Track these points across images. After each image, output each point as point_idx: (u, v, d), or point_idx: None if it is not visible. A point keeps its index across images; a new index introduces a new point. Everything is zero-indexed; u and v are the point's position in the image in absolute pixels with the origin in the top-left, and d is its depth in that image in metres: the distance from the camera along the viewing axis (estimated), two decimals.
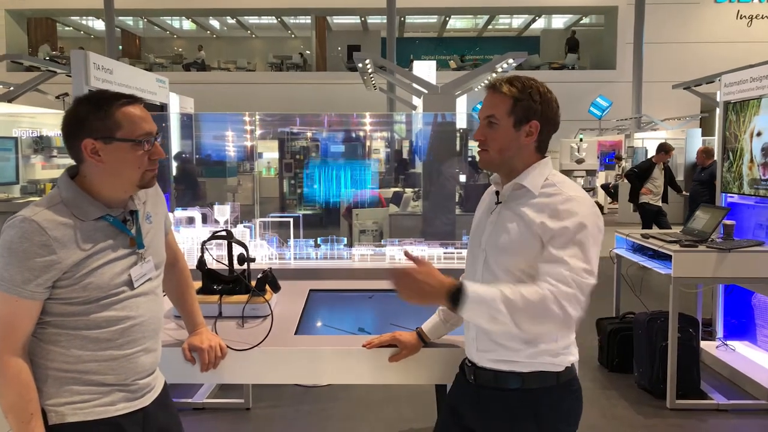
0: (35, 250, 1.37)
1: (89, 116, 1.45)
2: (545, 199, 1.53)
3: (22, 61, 5.76)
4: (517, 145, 1.58)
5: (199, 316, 1.90)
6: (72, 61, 3.12)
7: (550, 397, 1.58)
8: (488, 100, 1.60)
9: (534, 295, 1.38)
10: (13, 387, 1.39)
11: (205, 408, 3.62)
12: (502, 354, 1.57)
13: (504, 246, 1.55)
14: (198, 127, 6.06)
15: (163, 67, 19.00)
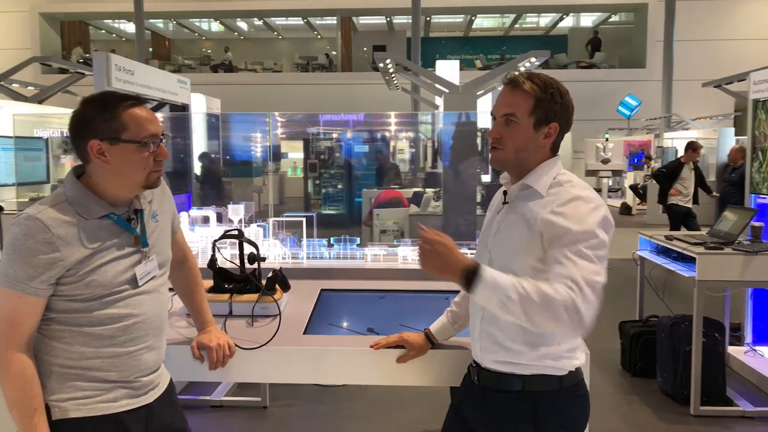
0: (39, 248, 1.39)
1: (95, 117, 1.46)
2: (551, 198, 1.49)
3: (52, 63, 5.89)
4: (534, 146, 1.53)
5: (208, 315, 1.91)
6: (94, 62, 3.17)
7: (552, 401, 1.53)
8: (508, 97, 1.52)
9: (550, 293, 1.33)
10: (17, 382, 1.41)
11: (222, 405, 3.65)
12: (503, 355, 1.54)
13: (507, 247, 1.52)
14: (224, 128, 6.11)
15: (191, 69, 19.30)
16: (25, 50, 17.66)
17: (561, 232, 1.41)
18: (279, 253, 2.57)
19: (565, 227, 1.41)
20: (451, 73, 8.59)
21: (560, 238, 1.41)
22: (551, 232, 1.43)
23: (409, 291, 2.35)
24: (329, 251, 2.60)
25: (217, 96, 7.28)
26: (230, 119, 6.46)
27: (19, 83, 6.71)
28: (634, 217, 13.78)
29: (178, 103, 4.10)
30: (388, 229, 6.16)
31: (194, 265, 1.91)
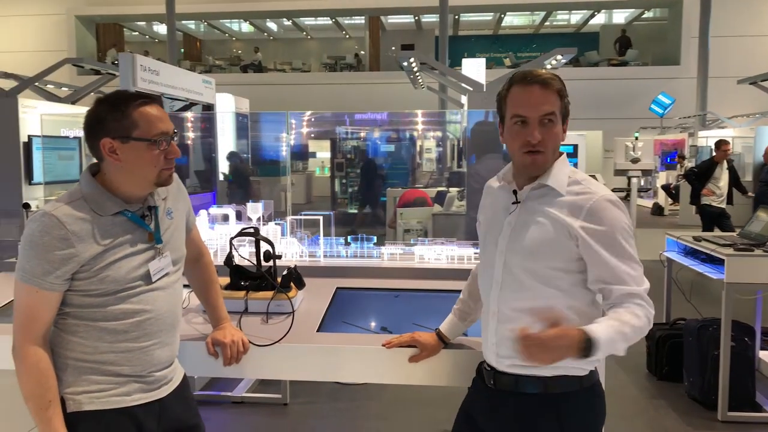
0: (55, 244, 1.42)
1: (107, 116, 1.49)
2: (575, 198, 1.48)
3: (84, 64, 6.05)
4: (559, 144, 1.53)
5: (222, 311, 1.93)
6: (120, 64, 3.24)
7: (573, 402, 1.51)
8: (543, 97, 1.47)
9: (638, 322, 1.40)
10: (33, 375, 1.44)
11: (244, 402, 3.69)
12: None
13: (530, 248, 1.49)
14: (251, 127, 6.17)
15: (222, 69, 19.57)
16: (62, 52, 18.15)
17: (599, 237, 1.44)
18: (296, 251, 2.58)
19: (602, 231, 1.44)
20: (477, 72, 8.50)
21: (601, 244, 1.44)
22: (589, 237, 1.44)
23: (424, 290, 2.34)
24: (346, 250, 2.61)
25: (247, 96, 7.36)
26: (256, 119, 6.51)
27: (54, 84, 6.90)
28: (666, 217, 13.48)
29: (203, 102, 4.16)
30: (412, 228, 6.15)
31: (209, 262, 1.93)
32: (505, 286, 1.54)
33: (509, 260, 1.53)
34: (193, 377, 3.64)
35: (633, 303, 1.41)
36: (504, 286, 1.54)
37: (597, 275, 1.46)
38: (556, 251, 1.47)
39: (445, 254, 2.55)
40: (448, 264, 2.51)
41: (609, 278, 1.44)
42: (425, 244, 2.59)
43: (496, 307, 1.56)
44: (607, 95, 17.82)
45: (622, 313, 1.40)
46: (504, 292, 1.54)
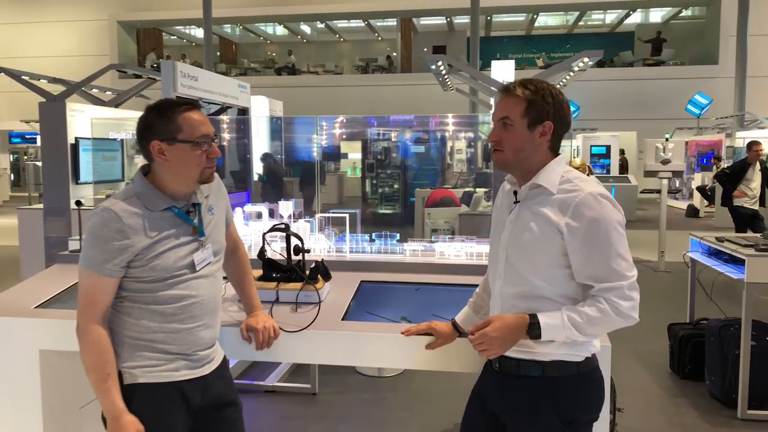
0: (113, 235, 1.63)
1: (155, 122, 1.69)
2: (564, 196, 1.60)
3: (127, 70, 6.38)
4: (532, 146, 1.64)
5: (256, 300, 2.11)
6: (162, 70, 3.48)
7: (570, 385, 1.64)
8: (502, 103, 1.66)
9: (597, 312, 1.55)
10: (94, 350, 1.65)
11: (275, 390, 3.90)
12: (523, 344, 1.64)
13: (526, 244, 1.63)
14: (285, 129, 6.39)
15: (257, 72, 20.01)
16: (104, 56, 18.85)
17: (581, 231, 1.55)
18: (324, 247, 2.76)
19: (584, 225, 1.55)
20: (506, 73, 8.60)
21: (584, 239, 1.55)
22: (572, 232, 1.56)
23: (443, 284, 2.48)
24: (371, 246, 2.77)
25: (281, 98, 7.59)
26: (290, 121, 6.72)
27: (98, 88, 7.26)
28: (701, 219, 13.27)
29: (239, 106, 4.38)
30: (440, 228, 6.29)
31: (244, 255, 2.12)
32: (506, 277, 1.69)
33: (509, 255, 1.68)
34: None
35: (605, 297, 1.55)
36: (505, 277, 1.69)
37: (579, 271, 1.59)
38: (546, 247, 1.60)
39: (465, 251, 2.70)
40: (467, 260, 2.66)
41: (590, 274, 1.57)
42: (446, 241, 2.74)
43: (499, 297, 1.71)
44: (642, 96, 17.59)
45: (587, 305, 1.57)
46: (505, 282, 1.69)
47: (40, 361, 2.23)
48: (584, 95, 17.08)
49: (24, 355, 2.23)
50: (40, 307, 2.36)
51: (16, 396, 2.24)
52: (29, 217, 6.42)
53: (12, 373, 2.24)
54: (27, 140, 19.77)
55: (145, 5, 19.95)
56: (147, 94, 7.52)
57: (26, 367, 2.23)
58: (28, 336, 2.23)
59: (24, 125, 17.88)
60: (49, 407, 2.28)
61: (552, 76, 6.38)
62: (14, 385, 2.24)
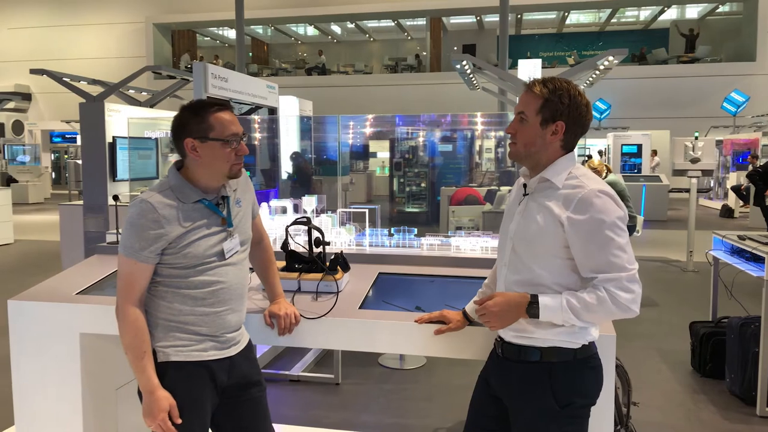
0: (149, 225, 1.79)
1: (189, 121, 1.84)
2: (568, 191, 1.68)
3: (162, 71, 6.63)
4: (543, 142, 1.73)
5: (279, 288, 2.25)
6: (194, 72, 3.66)
7: (567, 370, 1.72)
8: (522, 98, 1.76)
9: (595, 300, 1.63)
10: (131, 330, 1.81)
11: (300, 380, 4.05)
12: (522, 331, 1.75)
13: (531, 236, 1.72)
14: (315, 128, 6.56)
15: (287, 72, 20.34)
16: (140, 58, 19.43)
17: (583, 226, 1.63)
18: (345, 240, 2.89)
19: (585, 220, 1.63)
20: (533, 72, 8.60)
21: (585, 234, 1.64)
22: (574, 227, 1.64)
23: (458, 276, 2.59)
24: (389, 240, 2.89)
25: (311, 98, 7.77)
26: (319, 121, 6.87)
27: (134, 89, 7.56)
28: (735, 220, 13.00)
29: (268, 106, 4.56)
30: (464, 226, 6.37)
31: (269, 246, 2.27)
32: (510, 265, 1.79)
33: (515, 245, 1.78)
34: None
35: (605, 286, 1.63)
36: (509, 265, 1.79)
37: (581, 263, 1.67)
38: (548, 239, 1.69)
39: (480, 245, 2.80)
40: (482, 254, 2.76)
41: (591, 266, 1.66)
42: (461, 236, 2.84)
43: (503, 284, 1.81)
44: (676, 93, 17.30)
45: (586, 292, 1.65)
46: (509, 270, 1.79)
47: (80, 343, 2.41)
48: (616, 93, 16.89)
49: (65, 338, 2.41)
50: (80, 293, 2.54)
51: (59, 377, 2.43)
52: (70, 213, 6.73)
53: (55, 355, 2.43)
54: (67, 140, 20.51)
55: (179, 7, 20.49)
56: (180, 94, 7.81)
57: (67, 350, 2.41)
58: (70, 320, 2.41)
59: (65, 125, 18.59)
60: (88, 387, 2.46)
61: (576, 75, 6.40)
62: (57, 366, 2.43)
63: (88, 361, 2.45)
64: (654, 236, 10.76)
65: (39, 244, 10.06)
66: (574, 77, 6.44)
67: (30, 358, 2.45)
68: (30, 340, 2.45)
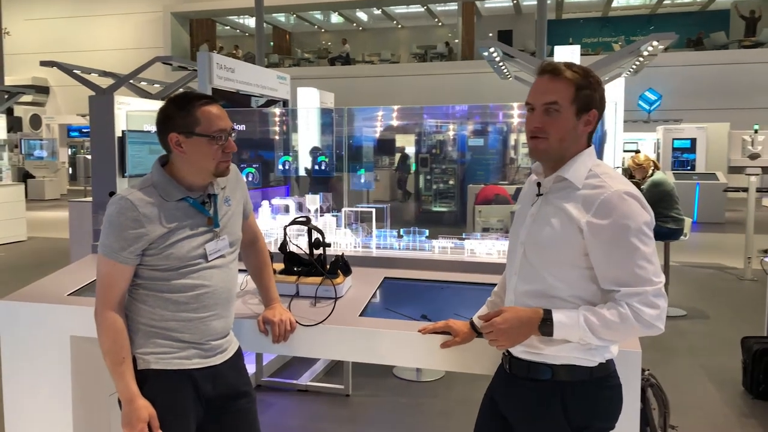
0: (129, 224, 1.79)
1: (174, 114, 1.85)
2: (589, 192, 1.60)
3: (173, 62, 6.76)
4: (575, 135, 1.65)
5: (273, 293, 2.25)
6: (198, 62, 3.69)
7: (582, 391, 1.65)
8: (548, 86, 1.63)
9: (617, 317, 1.55)
10: (110, 335, 1.82)
11: (308, 390, 4.05)
12: (533, 346, 1.68)
13: (545, 241, 1.65)
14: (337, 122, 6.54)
15: (310, 62, 20.47)
16: (158, 48, 19.81)
17: (605, 232, 1.56)
18: (350, 242, 2.87)
19: (609, 225, 1.55)
20: (571, 60, 8.44)
21: (608, 241, 1.56)
22: (596, 233, 1.56)
23: (471, 283, 2.54)
24: (398, 242, 2.86)
25: (334, 89, 7.77)
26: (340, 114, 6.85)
27: (147, 81, 7.69)
28: None
29: (278, 98, 4.57)
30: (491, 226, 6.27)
31: (263, 247, 2.26)
32: (521, 274, 1.72)
33: (527, 251, 1.70)
34: (262, 364, 4.05)
35: (627, 302, 1.55)
36: (520, 274, 1.72)
37: (601, 274, 1.59)
38: (565, 245, 1.61)
39: (497, 248, 2.74)
40: (499, 258, 2.70)
41: (613, 278, 1.57)
42: (476, 239, 2.79)
43: (513, 294, 1.75)
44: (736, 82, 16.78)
45: (606, 308, 1.57)
46: (520, 279, 1.72)
47: (71, 346, 2.45)
48: (668, 82, 16.47)
49: (56, 341, 2.45)
50: (73, 294, 2.59)
51: (48, 381, 2.47)
52: (80, 209, 6.87)
53: (44, 359, 2.47)
54: (84, 134, 21.04)
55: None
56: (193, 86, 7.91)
57: (58, 353, 2.45)
58: (60, 322, 2.45)
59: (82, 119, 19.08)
60: (78, 393, 2.49)
61: (617, 62, 6.24)
62: (46, 370, 2.47)
63: (79, 365, 2.49)
64: (708, 240, 10.47)
65: (52, 241, 10.34)
66: (615, 65, 6.29)
67: (20, 362, 2.50)
68: (20, 342, 2.50)
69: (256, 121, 4.50)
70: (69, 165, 20.81)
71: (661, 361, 4.58)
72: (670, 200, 5.90)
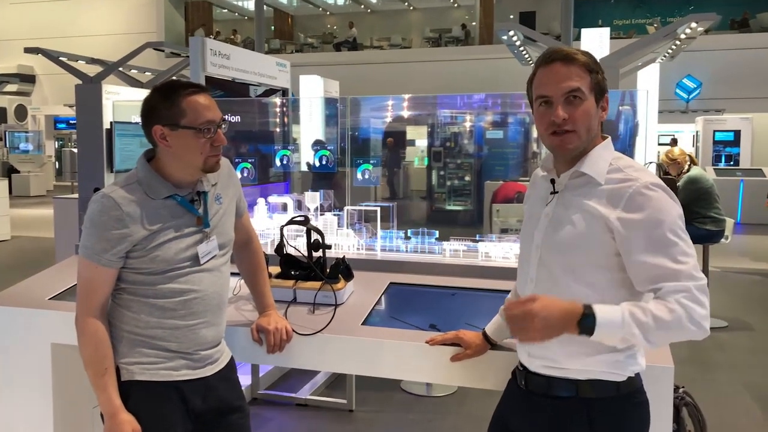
0: (111, 224, 1.80)
1: (158, 104, 1.85)
2: (614, 186, 1.58)
3: (164, 48, 6.76)
4: (597, 124, 1.64)
5: (269, 298, 2.25)
6: (190, 47, 3.70)
7: (608, 408, 1.63)
8: (565, 73, 1.59)
9: (667, 314, 1.47)
10: (91, 343, 1.84)
11: (308, 404, 4.06)
12: (555, 360, 1.65)
13: (566, 243, 1.62)
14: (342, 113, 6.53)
15: (314, 47, 20.48)
16: (151, 34, 19.92)
17: (640, 229, 1.53)
18: (353, 244, 2.87)
19: (643, 221, 1.52)
20: (600, 43, 8.34)
21: (645, 239, 1.52)
22: (629, 230, 1.54)
23: (485, 290, 2.52)
24: (406, 244, 2.85)
25: (340, 77, 7.76)
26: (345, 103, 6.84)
27: (138, 69, 7.74)
28: None
29: (277, 87, 4.57)
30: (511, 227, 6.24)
31: (258, 249, 2.27)
32: (538, 282, 1.69)
33: (544, 256, 1.67)
34: (258, 375, 4.06)
35: (674, 297, 1.47)
36: (537, 282, 1.69)
37: (636, 274, 1.55)
38: (590, 246, 1.58)
39: (514, 251, 2.72)
40: (517, 263, 2.68)
41: (651, 276, 1.52)
42: (492, 241, 2.78)
43: None
44: None
45: (652, 303, 1.49)
46: (537, 289, 1.68)
47: (52, 354, 2.47)
48: (710, 68, 16.29)
49: (36, 349, 2.47)
50: (54, 299, 2.61)
51: (28, 391, 2.49)
52: (66, 207, 6.91)
53: (24, 367, 2.50)
54: (71, 126, 21.14)
55: None
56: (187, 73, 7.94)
57: (38, 361, 2.47)
58: (40, 328, 2.48)
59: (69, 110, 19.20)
60: (60, 404, 2.51)
61: (651, 46, 6.18)
62: (26, 379, 2.49)
63: (60, 374, 2.51)
64: (753, 243, 10.36)
65: (37, 241, 10.43)
66: (649, 49, 6.22)
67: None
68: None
69: (254, 112, 4.51)
70: (56, 159, 20.97)
71: (698, 377, 4.54)
72: (708, 199, 5.84)
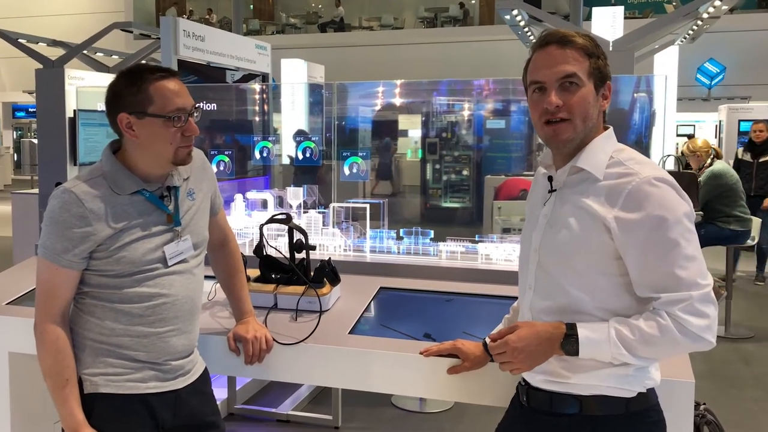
0: (73, 221, 1.78)
1: (124, 90, 1.83)
2: (613, 182, 1.58)
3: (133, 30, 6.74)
4: (596, 113, 1.64)
5: (247, 304, 2.24)
6: (161, 28, 3.69)
7: (616, 427, 1.63)
8: (560, 57, 1.59)
9: (656, 330, 1.52)
10: (51, 352, 1.82)
11: (289, 421, 4.04)
12: (556, 374, 1.65)
13: (563, 246, 1.62)
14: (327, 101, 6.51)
15: (297, 29, 20.41)
16: (118, 13, 19.79)
17: (639, 229, 1.53)
18: (339, 244, 2.87)
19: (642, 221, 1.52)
20: (613, 23, 8.31)
21: (643, 240, 1.53)
22: (627, 231, 1.54)
23: (484, 295, 2.53)
24: (398, 245, 2.85)
25: (325, 61, 7.74)
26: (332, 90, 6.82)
27: (104, 52, 7.69)
28: None
29: (256, 72, 4.56)
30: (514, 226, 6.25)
31: (235, 250, 2.26)
32: (537, 287, 1.70)
33: (542, 258, 1.68)
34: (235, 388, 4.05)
35: (668, 311, 1.52)
36: (536, 287, 1.70)
37: (637, 278, 1.56)
38: (588, 248, 1.59)
39: (517, 254, 2.72)
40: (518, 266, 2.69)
41: (650, 282, 1.54)
42: (492, 241, 2.78)
43: (528, 311, 1.72)
44: None
45: (643, 318, 1.55)
46: (536, 294, 1.69)
47: (9, 364, 2.46)
48: (734, 51, 16.31)
49: None
50: (12, 303, 2.60)
51: None
52: (24, 203, 6.85)
53: None
54: (31, 114, 21.01)
55: None
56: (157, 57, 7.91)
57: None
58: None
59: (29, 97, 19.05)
60: (18, 418, 2.50)
61: (670, 26, 6.17)
62: None
63: (19, 386, 2.50)
64: None
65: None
66: (667, 30, 6.20)
67: None
68: None
69: (231, 100, 4.48)
70: (14, 151, 20.81)
71: (720, 393, 4.56)
72: (733, 196, 5.79)
